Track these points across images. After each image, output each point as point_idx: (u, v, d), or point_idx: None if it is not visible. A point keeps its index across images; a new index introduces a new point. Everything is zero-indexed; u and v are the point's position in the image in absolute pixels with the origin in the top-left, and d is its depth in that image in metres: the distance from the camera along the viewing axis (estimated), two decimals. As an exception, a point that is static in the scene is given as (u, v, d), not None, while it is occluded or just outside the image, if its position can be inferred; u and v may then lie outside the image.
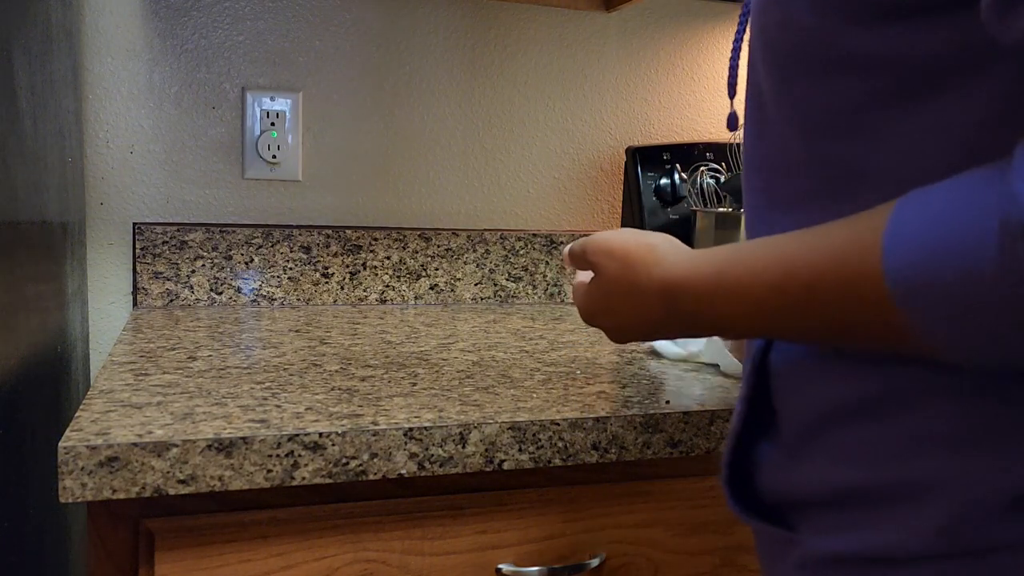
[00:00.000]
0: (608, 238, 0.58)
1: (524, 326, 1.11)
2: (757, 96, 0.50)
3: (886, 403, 0.42)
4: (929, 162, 0.40)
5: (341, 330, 1.03)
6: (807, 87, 0.45)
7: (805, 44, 0.44)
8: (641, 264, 0.53)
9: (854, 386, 0.44)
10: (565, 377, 0.81)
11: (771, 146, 0.48)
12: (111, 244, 1.18)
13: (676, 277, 0.50)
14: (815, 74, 0.44)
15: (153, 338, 0.93)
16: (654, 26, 1.40)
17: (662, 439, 0.70)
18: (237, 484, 0.60)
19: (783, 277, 0.42)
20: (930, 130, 0.40)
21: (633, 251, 0.55)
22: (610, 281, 0.56)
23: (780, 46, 0.46)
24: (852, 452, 0.43)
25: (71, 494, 0.56)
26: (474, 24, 1.30)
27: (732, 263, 0.46)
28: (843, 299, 0.39)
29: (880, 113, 0.42)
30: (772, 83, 0.47)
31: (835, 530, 0.44)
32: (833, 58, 0.43)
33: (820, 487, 0.45)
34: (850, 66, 0.42)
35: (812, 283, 0.40)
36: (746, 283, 0.44)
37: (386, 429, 0.62)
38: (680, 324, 0.52)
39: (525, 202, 1.37)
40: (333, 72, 1.24)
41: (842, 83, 0.43)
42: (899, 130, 0.41)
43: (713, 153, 1.34)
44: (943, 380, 0.40)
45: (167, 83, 1.18)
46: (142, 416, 0.63)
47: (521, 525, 0.70)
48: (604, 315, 0.59)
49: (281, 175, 1.23)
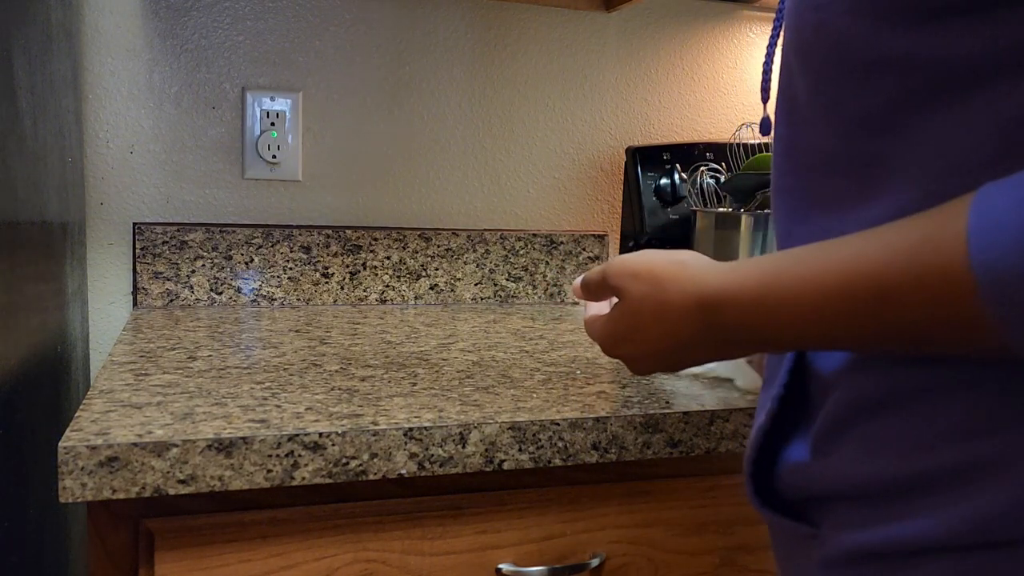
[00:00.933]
0: (630, 260, 0.55)
1: (524, 326, 1.11)
2: (791, 99, 0.49)
3: (919, 394, 0.41)
4: (965, 160, 0.40)
5: (341, 330, 1.03)
6: (843, 88, 0.44)
7: (841, 46, 0.44)
8: (672, 281, 0.51)
9: (887, 378, 0.43)
10: (565, 377, 0.81)
11: (806, 146, 0.48)
12: (111, 244, 1.18)
13: (714, 289, 0.48)
14: (851, 75, 0.44)
15: (153, 338, 0.93)
16: (654, 26, 1.40)
17: (662, 439, 0.70)
18: (237, 484, 0.60)
19: (847, 279, 0.40)
20: (966, 128, 0.40)
21: (661, 269, 0.52)
22: (638, 302, 0.54)
23: (816, 48, 0.45)
24: (884, 444, 0.43)
25: (71, 494, 0.56)
26: (474, 24, 1.30)
27: (780, 270, 0.44)
28: (921, 300, 0.37)
29: (917, 112, 0.42)
30: (807, 84, 0.47)
31: (865, 524, 0.43)
32: (870, 59, 0.43)
33: (851, 480, 0.44)
34: (887, 67, 0.42)
35: (882, 284, 0.38)
36: (799, 289, 0.42)
37: (386, 429, 0.62)
38: (716, 342, 0.49)
39: (525, 202, 1.37)
40: (333, 72, 1.24)
41: (878, 83, 0.43)
42: (935, 128, 0.41)
43: (713, 153, 1.34)
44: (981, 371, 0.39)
45: (167, 83, 1.18)
46: (142, 416, 0.63)
47: (521, 525, 0.70)
48: (630, 342, 0.56)
49: (281, 175, 1.23)
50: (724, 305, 0.47)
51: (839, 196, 0.46)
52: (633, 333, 0.55)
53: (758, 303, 0.44)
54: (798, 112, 0.49)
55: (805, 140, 0.48)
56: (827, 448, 0.46)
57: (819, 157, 0.47)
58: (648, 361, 0.56)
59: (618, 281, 0.56)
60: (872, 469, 0.43)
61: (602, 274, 0.59)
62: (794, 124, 0.49)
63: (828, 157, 0.47)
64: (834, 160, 0.46)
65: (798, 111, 0.49)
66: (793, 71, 0.49)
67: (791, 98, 0.50)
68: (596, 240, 1.38)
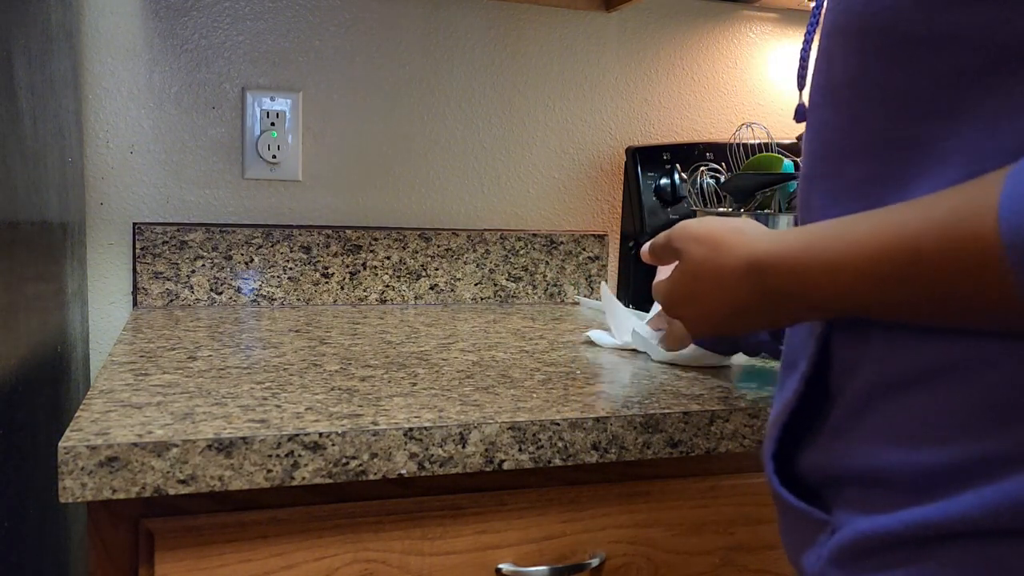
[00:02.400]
0: (692, 224, 0.58)
1: (524, 326, 1.11)
2: (829, 83, 0.49)
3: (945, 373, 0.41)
4: (1009, 143, 0.40)
5: (341, 330, 1.03)
6: (889, 67, 0.44)
7: (888, 23, 0.44)
8: (727, 246, 0.53)
9: (909, 362, 0.43)
10: (565, 377, 0.81)
11: (844, 131, 0.48)
12: (111, 244, 1.18)
13: (762, 252, 0.49)
14: (899, 54, 0.44)
15: (153, 338, 0.93)
16: (654, 26, 1.40)
17: (662, 439, 0.70)
18: (237, 484, 0.60)
19: (885, 245, 0.41)
20: (1011, 109, 0.40)
21: (719, 234, 0.54)
22: (697, 265, 0.56)
23: (864, 26, 0.45)
24: (903, 428, 0.43)
25: (71, 494, 0.56)
26: (474, 24, 1.30)
27: (825, 236, 0.45)
28: (953, 265, 0.38)
29: (962, 92, 0.42)
30: (851, 66, 0.47)
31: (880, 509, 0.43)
32: (920, 37, 0.43)
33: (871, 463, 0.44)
34: (936, 45, 0.42)
35: (919, 250, 0.39)
36: (843, 254, 0.43)
37: (386, 429, 0.62)
38: (767, 305, 0.51)
39: (525, 202, 1.37)
40: (333, 72, 1.24)
41: (927, 63, 0.43)
42: (979, 109, 0.41)
43: (713, 153, 1.34)
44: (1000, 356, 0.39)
45: (167, 83, 1.18)
46: (142, 416, 0.63)
47: (521, 525, 0.70)
48: (689, 303, 0.58)
49: (281, 175, 1.23)
50: (772, 268, 0.49)
51: (876, 181, 0.46)
52: (693, 295, 0.57)
53: (804, 266, 0.46)
54: (837, 95, 0.48)
55: (844, 125, 0.48)
56: (847, 431, 0.46)
57: (857, 141, 0.47)
58: (706, 323, 0.57)
59: (680, 243, 0.58)
60: (894, 452, 0.43)
61: (667, 237, 0.61)
62: (832, 108, 0.49)
63: (866, 141, 0.46)
64: (872, 144, 0.46)
65: (837, 94, 0.48)
66: (833, 55, 0.48)
67: (829, 81, 0.49)
68: (596, 240, 1.38)
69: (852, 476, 0.46)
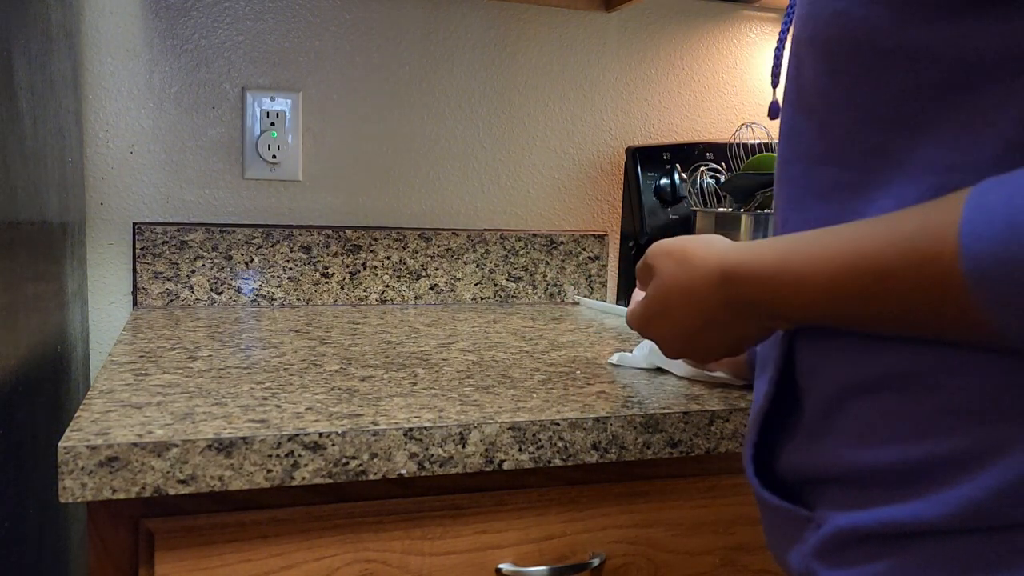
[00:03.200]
0: (666, 241, 0.58)
1: (524, 326, 1.11)
2: (799, 88, 0.50)
3: (911, 378, 0.42)
4: (971, 157, 0.41)
5: (341, 330, 1.03)
6: (856, 77, 0.45)
7: (857, 35, 0.44)
8: (698, 257, 0.53)
9: (877, 361, 0.44)
10: (565, 377, 0.81)
11: (812, 136, 0.49)
12: (111, 244, 1.18)
13: (733, 261, 0.50)
14: (865, 64, 0.44)
15: (153, 338, 0.93)
16: (654, 26, 1.40)
17: (662, 439, 0.70)
18: (237, 484, 0.60)
19: (852, 262, 0.42)
20: (974, 124, 0.40)
21: (690, 248, 0.55)
22: (668, 279, 0.56)
23: (831, 36, 0.46)
24: (876, 427, 0.43)
25: (71, 494, 0.56)
26: (474, 24, 1.30)
27: (795, 250, 0.46)
28: (915, 284, 0.39)
29: (926, 104, 0.42)
30: (818, 73, 0.47)
31: (859, 507, 0.44)
32: (886, 49, 0.43)
33: (844, 463, 0.45)
34: (901, 58, 0.42)
35: (883, 268, 0.40)
36: (811, 268, 0.44)
37: (386, 429, 0.62)
38: (736, 317, 0.51)
39: (525, 202, 1.37)
40: (333, 72, 1.24)
41: (892, 74, 0.43)
42: (943, 122, 0.42)
43: (713, 153, 1.34)
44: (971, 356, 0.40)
45: (167, 83, 1.18)
46: (142, 416, 0.63)
47: (521, 525, 0.70)
48: (660, 320, 0.58)
49: (281, 175, 1.23)
50: (741, 278, 0.49)
51: (840, 187, 0.47)
52: (664, 312, 0.57)
53: (774, 278, 0.47)
54: (806, 101, 0.49)
55: (811, 129, 0.49)
56: (820, 432, 0.47)
57: (824, 147, 0.48)
58: (678, 340, 0.57)
59: (653, 260, 0.59)
60: (864, 453, 0.44)
61: (644, 257, 0.61)
62: (801, 113, 0.50)
63: (833, 147, 0.47)
64: (839, 150, 0.47)
65: (806, 100, 0.49)
66: (803, 60, 0.49)
67: (799, 87, 0.50)
68: (596, 240, 1.38)
69: (829, 475, 0.46)
